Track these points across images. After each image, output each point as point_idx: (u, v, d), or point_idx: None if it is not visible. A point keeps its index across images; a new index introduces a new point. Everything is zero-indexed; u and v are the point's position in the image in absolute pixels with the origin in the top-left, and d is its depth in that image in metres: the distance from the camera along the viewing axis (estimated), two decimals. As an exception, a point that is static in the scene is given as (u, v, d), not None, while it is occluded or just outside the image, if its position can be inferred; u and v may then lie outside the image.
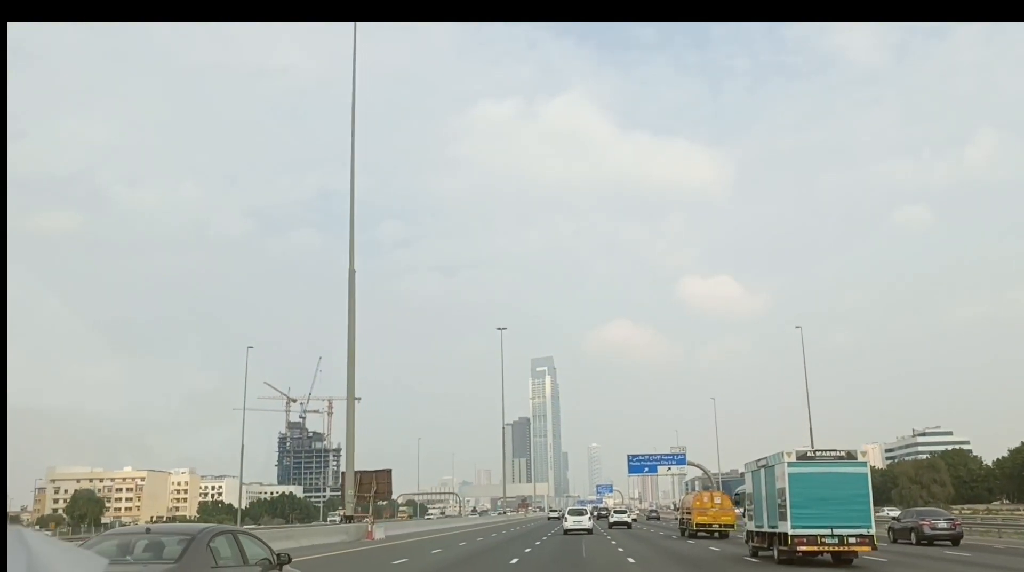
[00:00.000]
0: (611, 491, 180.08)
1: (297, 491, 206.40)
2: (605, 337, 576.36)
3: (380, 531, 43.43)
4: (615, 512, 75.71)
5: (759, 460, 24.76)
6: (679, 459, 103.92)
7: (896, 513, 44.99)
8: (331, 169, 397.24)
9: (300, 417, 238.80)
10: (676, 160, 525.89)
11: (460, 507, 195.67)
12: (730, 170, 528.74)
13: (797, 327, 74.27)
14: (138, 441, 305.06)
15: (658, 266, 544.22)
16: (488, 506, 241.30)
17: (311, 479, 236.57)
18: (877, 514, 27.38)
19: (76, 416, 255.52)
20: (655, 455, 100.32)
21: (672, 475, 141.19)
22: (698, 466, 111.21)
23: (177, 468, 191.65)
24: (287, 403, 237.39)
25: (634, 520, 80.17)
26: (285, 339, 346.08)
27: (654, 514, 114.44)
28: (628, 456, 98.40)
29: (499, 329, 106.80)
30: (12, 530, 3.22)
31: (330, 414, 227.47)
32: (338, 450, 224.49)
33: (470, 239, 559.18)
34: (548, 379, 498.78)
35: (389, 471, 51.48)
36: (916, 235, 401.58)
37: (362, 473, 47.86)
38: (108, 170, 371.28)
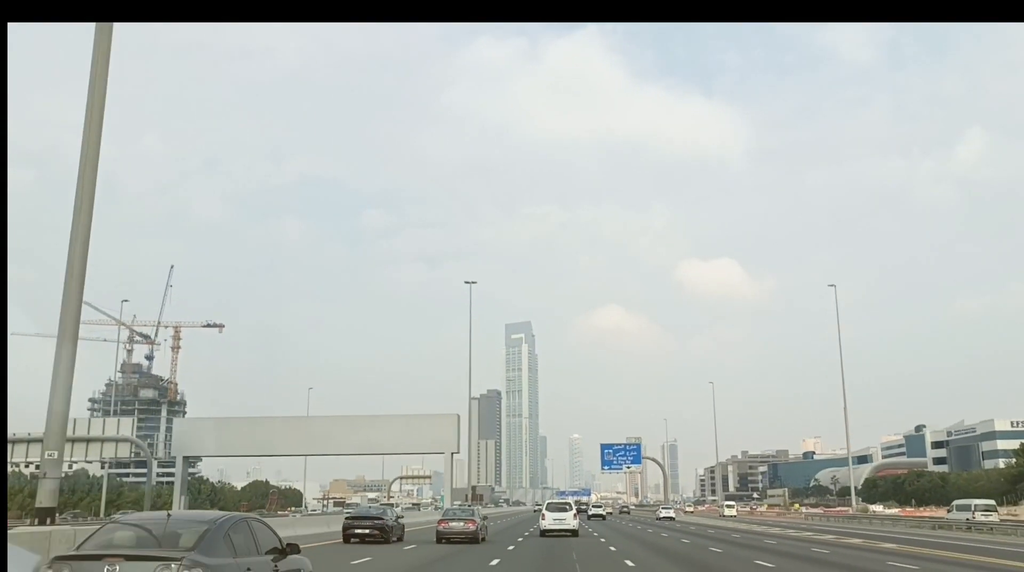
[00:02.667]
0: (589, 494, 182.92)
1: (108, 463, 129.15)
2: (593, 324, 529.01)
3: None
4: (592, 507, 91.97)
5: None
6: (634, 454, 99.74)
7: None
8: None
9: (146, 357, 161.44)
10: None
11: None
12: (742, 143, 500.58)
13: (831, 285, 74.94)
14: None
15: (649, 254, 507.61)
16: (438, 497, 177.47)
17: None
18: None
19: None
20: (631, 444, 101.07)
21: (632, 472, 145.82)
22: (655, 461, 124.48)
23: None
24: (130, 338, 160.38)
25: (609, 513, 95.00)
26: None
27: (625, 509, 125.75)
28: (601, 445, 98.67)
29: None
30: None
31: (176, 349, 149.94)
32: (182, 402, 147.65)
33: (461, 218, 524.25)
34: (525, 348, 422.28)
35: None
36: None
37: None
38: None
